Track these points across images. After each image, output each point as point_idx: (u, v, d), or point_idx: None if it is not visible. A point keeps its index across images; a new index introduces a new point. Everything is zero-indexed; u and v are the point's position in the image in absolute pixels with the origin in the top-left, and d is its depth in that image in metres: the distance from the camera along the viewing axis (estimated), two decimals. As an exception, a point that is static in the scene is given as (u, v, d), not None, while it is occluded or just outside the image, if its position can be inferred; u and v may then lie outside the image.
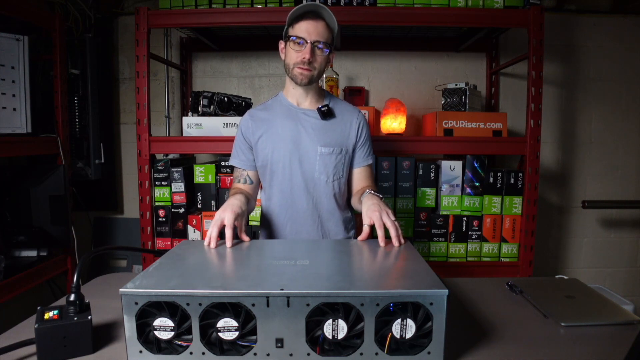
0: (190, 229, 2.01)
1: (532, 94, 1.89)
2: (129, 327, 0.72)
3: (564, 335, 0.87)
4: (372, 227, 1.09)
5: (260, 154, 1.35)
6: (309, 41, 1.22)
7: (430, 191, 2.00)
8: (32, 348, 0.76)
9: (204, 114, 2.00)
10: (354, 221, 1.48)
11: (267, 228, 1.42)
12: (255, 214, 1.97)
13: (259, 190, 1.47)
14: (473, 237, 2.01)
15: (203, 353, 0.73)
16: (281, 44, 1.33)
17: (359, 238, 1.10)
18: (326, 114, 1.33)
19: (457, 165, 1.97)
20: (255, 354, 0.73)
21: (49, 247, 1.99)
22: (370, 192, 1.22)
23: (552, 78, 2.44)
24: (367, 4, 1.89)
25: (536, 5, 1.87)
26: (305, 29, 1.23)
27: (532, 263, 1.97)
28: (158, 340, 0.73)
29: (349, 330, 0.72)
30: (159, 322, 0.72)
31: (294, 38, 1.24)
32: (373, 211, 1.09)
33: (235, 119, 1.98)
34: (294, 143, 1.31)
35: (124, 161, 2.55)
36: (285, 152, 1.31)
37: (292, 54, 1.26)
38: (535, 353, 0.80)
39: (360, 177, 1.40)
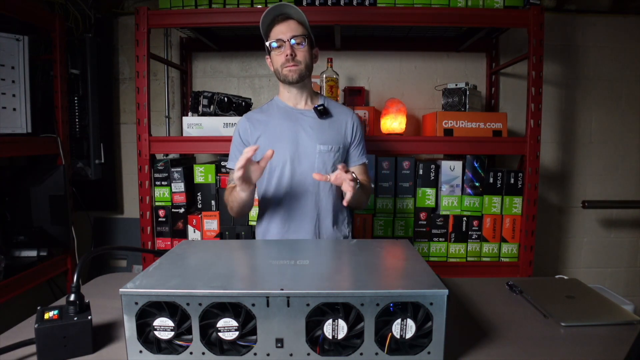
0: (190, 229, 2.01)
1: (532, 94, 1.89)
2: (129, 327, 0.72)
3: (564, 335, 0.87)
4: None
5: (259, 154, 1.36)
6: (285, 40, 1.31)
7: (430, 191, 2.00)
8: (32, 348, 0.76)
9: (204, 114, 1.99)
10: (350, 218, 1.49)
11: (265, 226, 1.43)
12: (254, 213, 1.97)
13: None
14: (473, 237, 2.01)
15: (203, 353, 0.73)
16: (267, 59, 1.40)
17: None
18: (323, 112, 1.38)
19: (457, 165, 1.97)
20: (255, 354, 0.73)
21: (49, 247, 1.99)
22: None
23: (552, 78, 2.44)
24: (367, 4, 1.89)
25: (536, 5, 1.86)
26: (279, 31, 1.32)
27: (532, 263, 1.97)
28: (158, 340, 0.73)
29: (349, 330, 0.72)
30: (159, 322, 0.72)
31: (274, 44, 1.33)
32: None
33: (235, 119, 1.98)
34: (292, 142, 1.35)
35: (124, 161, 2.55)
36: (285, 151, 1.35)
37: (276, 58, 1.34)
38: (535, 353, 0.80)
39: (357, 174, 1.43)
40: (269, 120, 1.39)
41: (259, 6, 1.90)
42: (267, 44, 1.36)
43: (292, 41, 1.30)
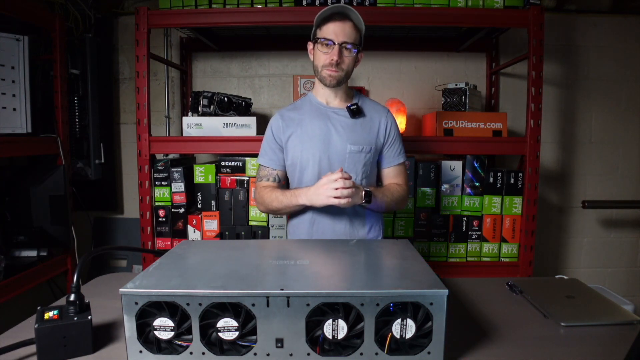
0: (190, 229, 2.01)
1: (532, 94, 1.89)
2: (129, 327, 0.72)
3: (564, 335, 0.87)
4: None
5: (290, 153, 1.37)
6: (336, 42, 1.25)
7: (430, 191, 1.99)
8: (32, 348, 0.76)
9: (204, 114, 1.99)
10: (382, 221, 1.47)
11: (295, 224, 1.42)
12: (254, 213, 1.97)
13: None
14: (473, 237, 2.01)
15: (203, 353, 0.73)
16: (310, 45, 1.35)
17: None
18: (355, 112, 1.34)
19: (457, 165, 1.97)
20: (255, 354, 0.73)
21: (49, 247, 1.99)
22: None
23: (552, 78, 2.44)
24: (367, 4, 1.89)
25: (536, 5, 1.86)
26: (333, 31, 1.26)
27: (532, 263, 1.97)
28: (158, 340, 0.73)
29: (349, 330, 0.72)
30: (159, 322, 0.72)
31: (322, 40, 1.27)
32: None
33: (236, 119, 1.98)
34: (323, 141, 1.33)
35: (124, 161, 2.55)
36: (315, 151, 1.33)
37: (321, 56, 1.29)
38: (535, 353, 0.80)
39: (390, 176, 1.42)
40: (302, 119, 1.36)
41: (259, 6, 1.90)
42: (316, 34, 1.31)
43: (346, 45, 1.26)
